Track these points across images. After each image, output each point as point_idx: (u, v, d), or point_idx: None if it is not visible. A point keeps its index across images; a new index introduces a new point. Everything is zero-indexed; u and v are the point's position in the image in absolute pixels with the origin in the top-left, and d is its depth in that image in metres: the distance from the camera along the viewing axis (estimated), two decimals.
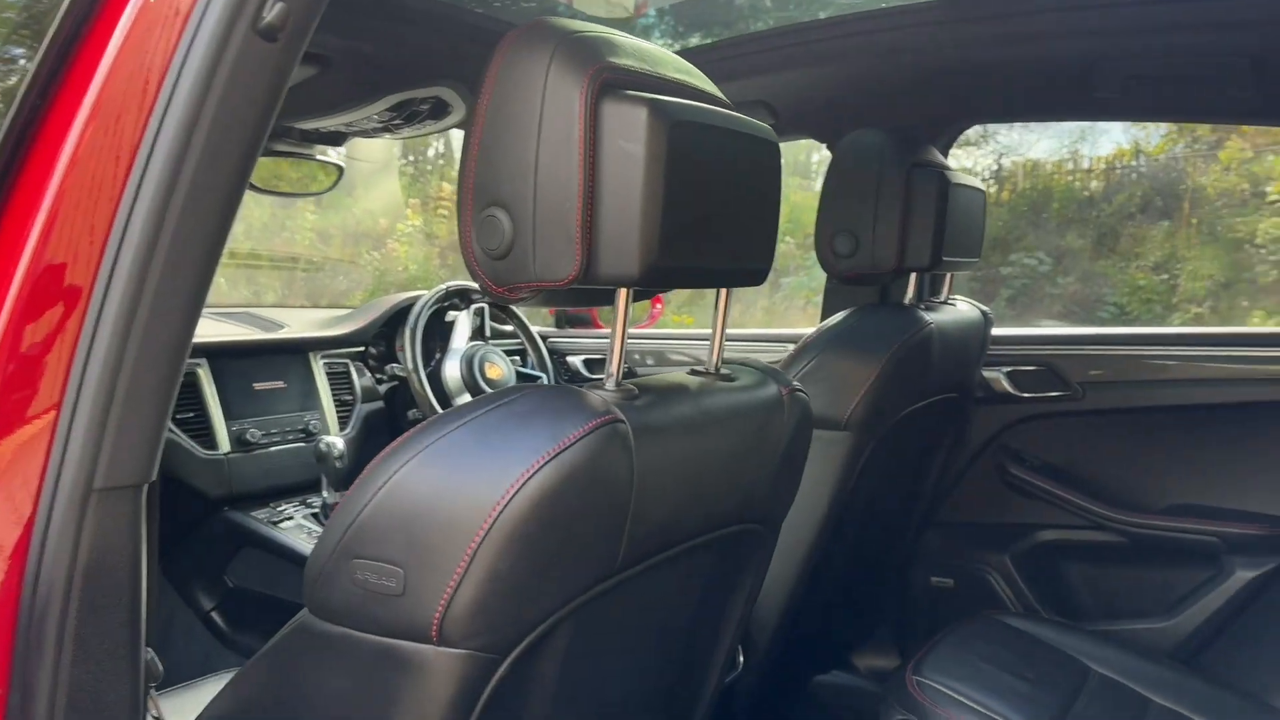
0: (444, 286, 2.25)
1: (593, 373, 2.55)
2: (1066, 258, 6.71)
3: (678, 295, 3.75)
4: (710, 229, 0.92)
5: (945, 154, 1.95)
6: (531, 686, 0.91)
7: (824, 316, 2.10)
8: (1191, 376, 1.83)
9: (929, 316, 1.60)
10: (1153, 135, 7.44)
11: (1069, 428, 1.97)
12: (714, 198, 0.92)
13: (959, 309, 1.76)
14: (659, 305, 2.85)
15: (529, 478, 0.78)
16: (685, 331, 2.87)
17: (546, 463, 0.79)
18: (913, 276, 1.69)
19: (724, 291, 1.05)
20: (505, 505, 0.78)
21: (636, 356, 2.54)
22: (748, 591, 1.22)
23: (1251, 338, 1.83)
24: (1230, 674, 1.77)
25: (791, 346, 2.22)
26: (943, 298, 1.80)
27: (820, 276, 2.08)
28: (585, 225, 0.83)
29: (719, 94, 0.98)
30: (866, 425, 1.51)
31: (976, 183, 1.72)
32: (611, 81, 0.83)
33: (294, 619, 0.90)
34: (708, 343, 1.08)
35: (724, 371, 1.07)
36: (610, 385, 0.90)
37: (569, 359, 2.56)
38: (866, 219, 1.58)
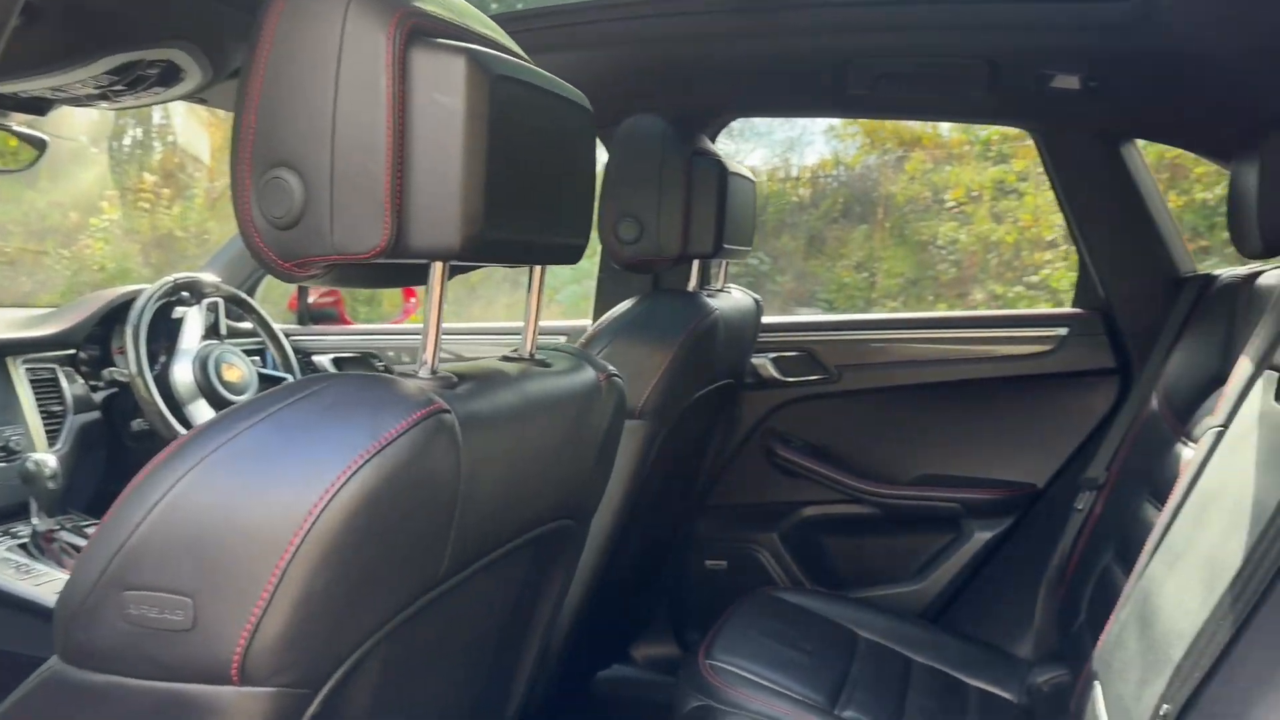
0: (170, 279, 1.98)
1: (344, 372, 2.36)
2: (782, 258, 7.16)
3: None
4: (531, 199, 0.85)
5: (713, 143, 1.98)
6: None
7: (598, 307, 2.07)
8: (933, 357, 1.99)
9: (713, 303, 1.61)
10: (850, 147, 8.14)
11: (828, 409, 2.08)
12: (534, 164, 0.84)
13: (735, 297, 1.80)
14: (413, 299, 2.69)
15: (346, 480, 0.67)
16: (451, 326, 2.73)
17: (366, 462, 0.68)
18: (695, 264, 1.69)
19: (538, 270, 0.98)
20: (319, 514, 0.66)
21: (391, 354, 2.37)
22: (557, 591, 1.16)
23: (985, 320, 2.03)
24: (974, 628, 1.94)
25: (561, 340, 2.19)
26: (719, 285, 1.83)
27: (561, 274, 2.05)
28: (395, 189, 0.73)
29: (521, 52, 0.91)
30: (659, 413, 1.50)
31: (747, 172, 1.76)
32: (420, 28, 0.74)
33: (37, 673, 0.72)
34: (472, 338, 1.00)
35: (539, 357, 1.00)
36: (425, 373, 0.80)
37: (315, 359, 2.35)
38: (650, 205, 1.56)
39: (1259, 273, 1.52)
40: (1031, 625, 1.84)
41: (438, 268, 0.79)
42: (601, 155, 1.73)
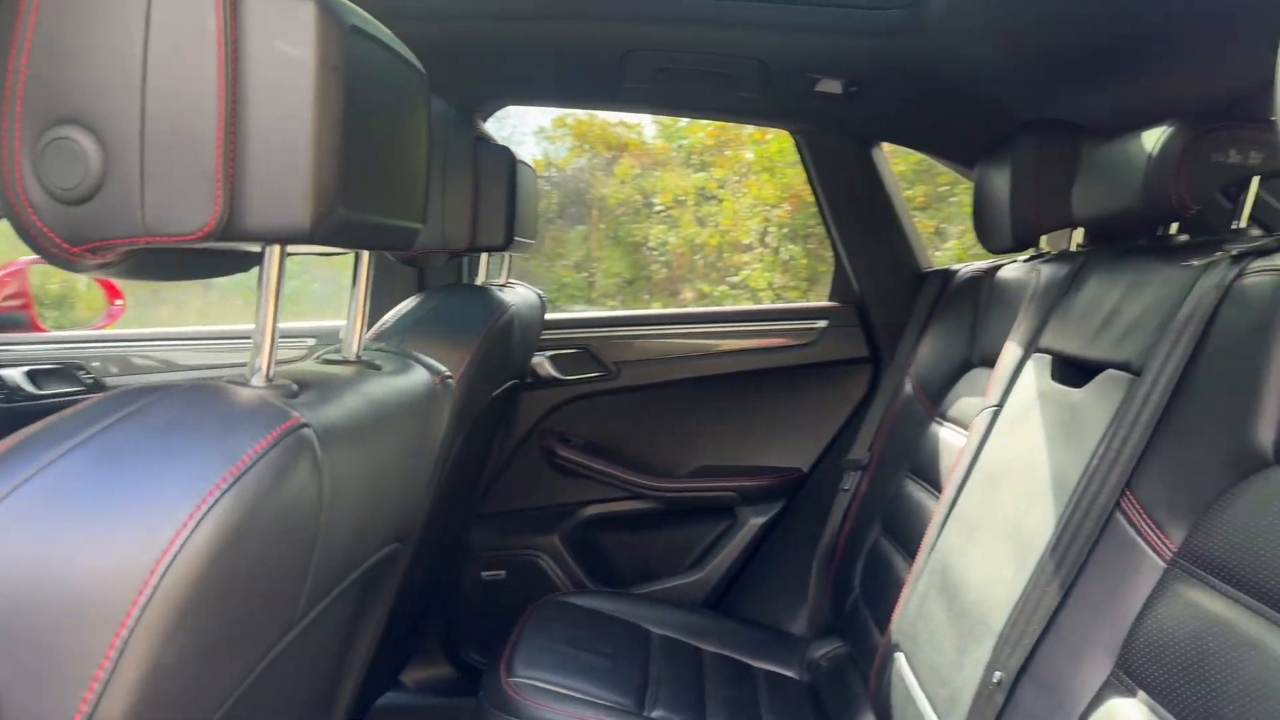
0: None
1: (42, 388, 1.98)
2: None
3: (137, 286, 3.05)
4: (378, 174, 0.73)
5: None
6: None
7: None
8: (706, 351, 2.03)
9: (507, 299, 1.52)
10: (560, 149, 8.25)
11: (606, 406, 2.05)
12: (382, 135, 0.73)
13: (520, 292, 1.71)
14: (119, 300, 2.32)
15: (200, 519, 0.53)
16: (154, 332, 2.38)
17: (223, 493, 0.54)
18: (484, 257, 1.59)
19: (365, 257, 0.85)
20: (167, 567, 0.52)
21: (97, 365, 2.03)
22: (374, 627, 1.02)
23: (753, 314, 2.10)
24: (754, 611, 2.00)
25: (309, 343, 1.98)
26: (503, 279, 1.74)
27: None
28: (228, 156, 0.59)
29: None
30: (458, 418, 1.38)
31: (529, 161, 1.69)
32: None
33: None
34: (179, 344, 0.86)
35: (365, 358, 0.87)
36: (260, 380, 0.67)
37: (3, 373, 1.95)
38: (434, 193, 1.44)
39: (997, 266, 1.69)
40: (805, 604, 1.92)
41: (275, 253, 0.66)
42: None
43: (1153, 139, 1.11)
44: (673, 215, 8.28)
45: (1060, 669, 0.96)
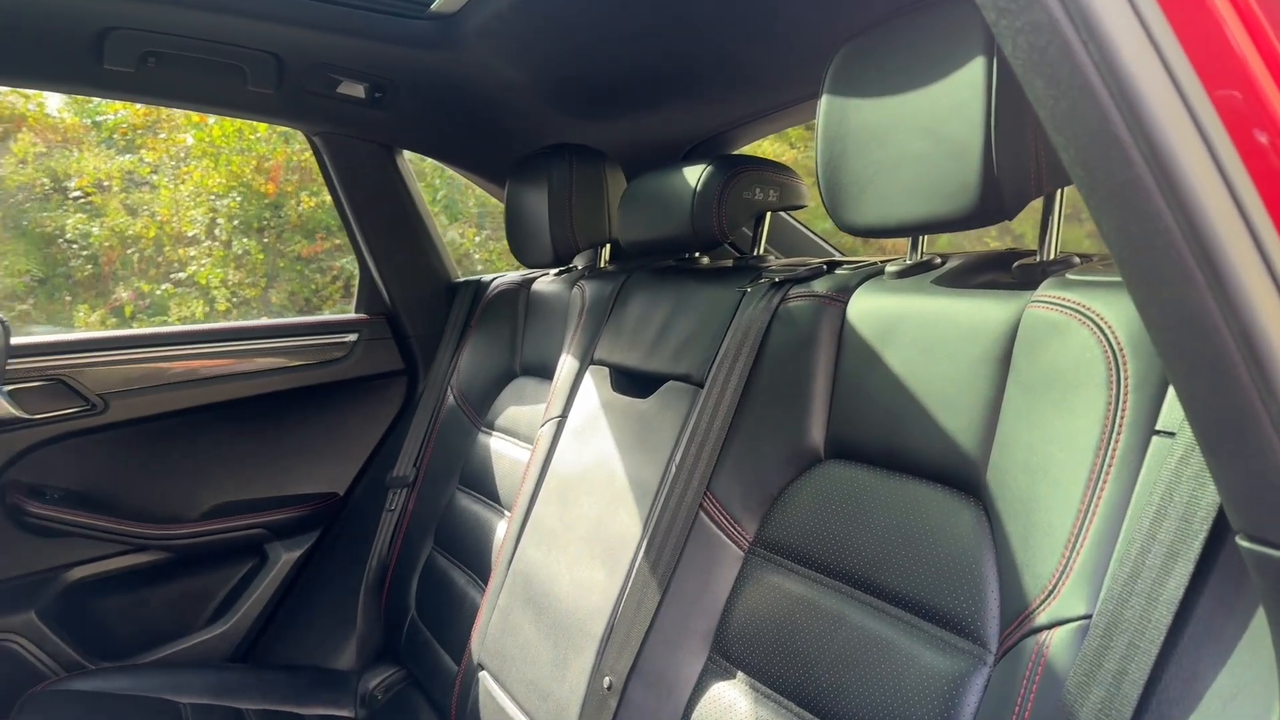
0: None
1: None
2: None
3: None
4: None
5: None
6: None
7: None
8: (218, 373, 1.79)
9: None
10: None
11: (93, 446, 1.70)
12: None
13: None
14: None
15: None
16: None
17: None
18: None
19: None
20: None
21: None
22: None
23: (273, 329, 1.89)
24: (294, 654, 1.83)
25: None
26: None
27: None
28: None
29: None
30: None
31: None
32: None
33: None
34: None
35: None
36: None
37: None
38: None
39: (532, 279, 1.76)
40: (353, 634, 1.82)
41: None
42: None
43: (694, 175, 1.25)
44: (95, 202, 7.20)
45: (664, 663, 1.05)
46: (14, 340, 1.59)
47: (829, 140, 0.97)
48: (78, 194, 7.09)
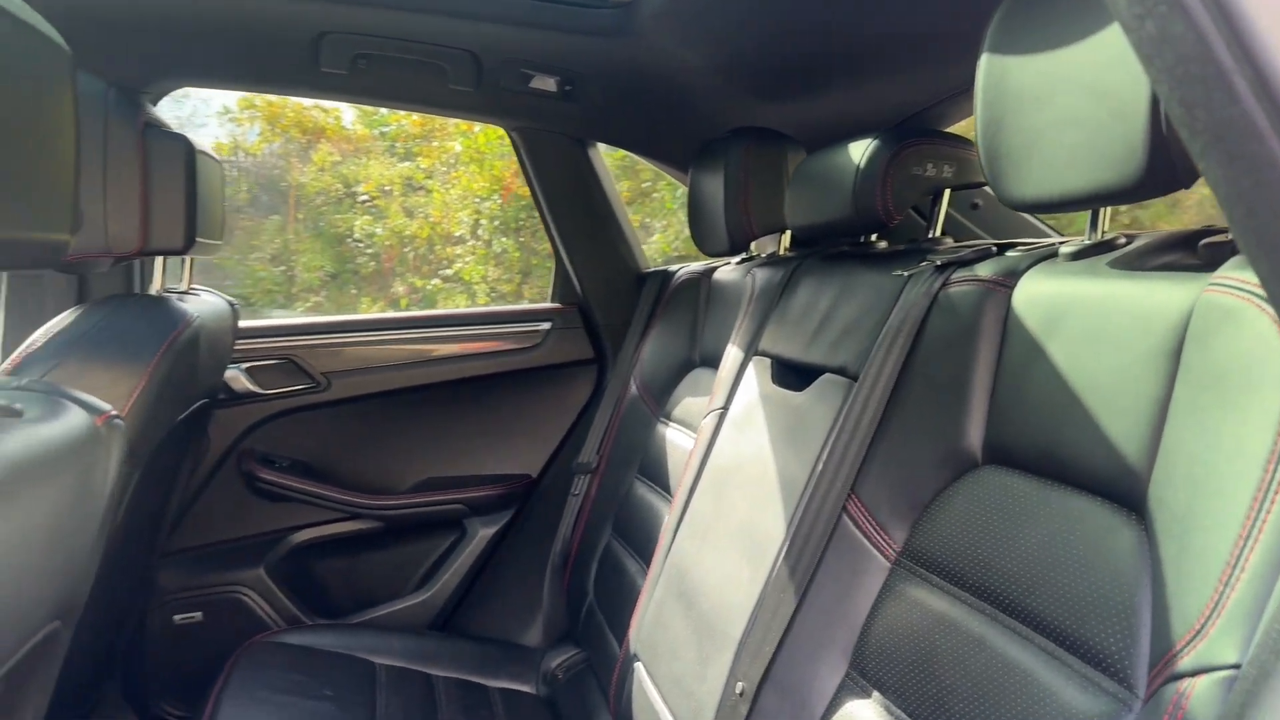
0: None
1: None
2: None
3: None
4: None
5: None
6: None
7: (9, 323, 1.58)
8: (425, 358, 1.91)
9: (190, 310, 1.32)
10: (250, 133, 7.67)
11: (316, 421, 1.87)
12: None
13: (207, 300, 1.50)
14: None
15: None
16: None
17: None
18: (159, 261, 1.38)
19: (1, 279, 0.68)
20: None
21: None
22: (39, 713, 0.84)
23: (473, 317, 1.99)
24: (485, 627, 1.92)
25: None
26: (185, 286, 1.52)
27: None
28: None
29: None
30: (132, 452, 1.18)
31: (213, 152, 1.48)
32: None
33: None
34: None
35: (1, 402, 0.70)
36: None
37: None
38: (93, 187, 1.22)
39: (714, 268, 1.72)
40: (540, 613, 1.88)
41: None
42: None
43: (859, 151, 1.16)
44: (379, 205, 7.93)
45: (800, 674, 0.98)
46: (252, 323, 1.78)
47: (988, 104, 0.86)
48: (364, 198, 7.87)
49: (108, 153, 1.23)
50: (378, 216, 7.88)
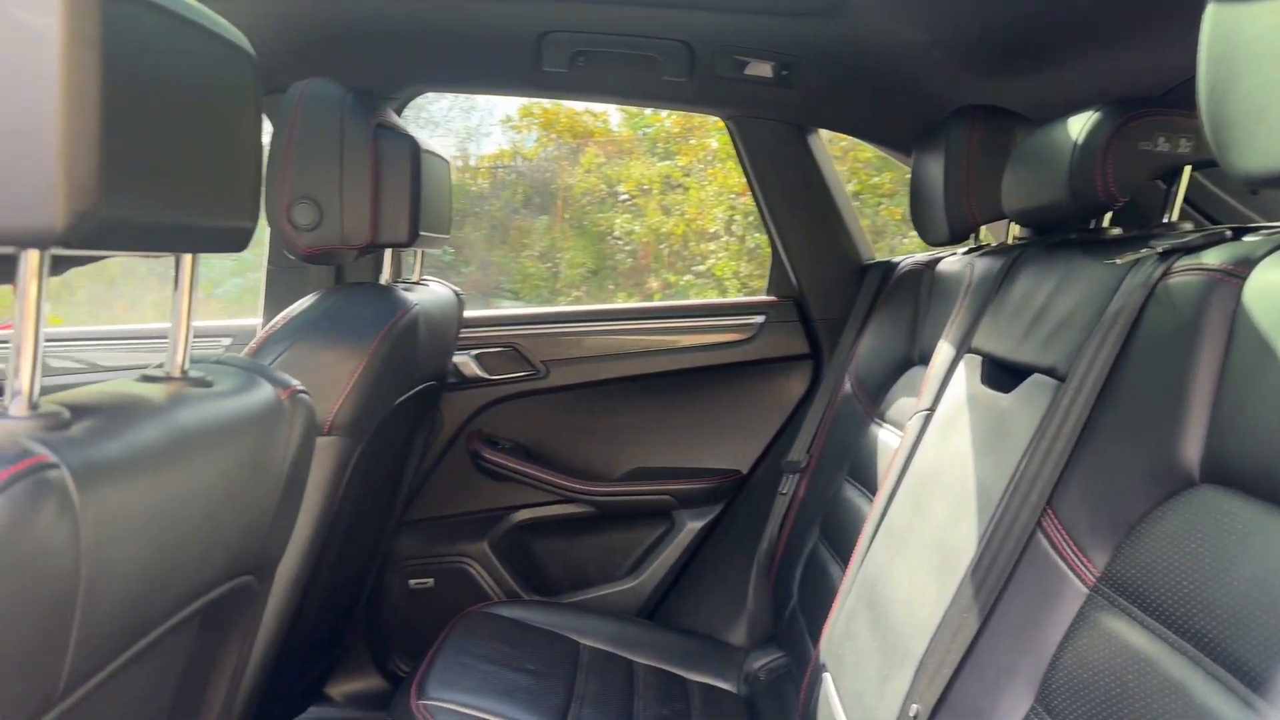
0: None
1: None
2: (466, 248, 7.02)
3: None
4: (174, 166, 0.64)
5: None
6: None
7: (270, 305, 1.79)
8: (639, 349, 1.94)
9: (412, 298, 1.42)
10: (528, 139, 8.14)
11: (536, 406, 1.96)
12: (176, 119, 0.63)
13: (434, 290, 1.61)
14: None
15: None
16: (67, 331, 2.27)
17: None
18: (388, 253, 1.49)
19: (188, 260, 0.76)
20: None
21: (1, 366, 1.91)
22: (234, 662, 0.93)
23: (687, 310, 2.01)
24: (691, 620, 1.92)
25: (224, 343, 1.88)
26: (416, 277, 1.63)
27: (220, 266, 1.77)
28: None
29: None
30: (354, 427, 1.29)
31: (441, 151, 1.59)
32: None
33: None
34: (99, 344, 0.77)
35: (194, 374, 0.77)
36: (18, 408, 0.57)
37: None
38: (331, 186, 1.34)
39: (938, 259, 1.61)
40: (744, 612, 1.85)
41: (31, 259, 0.56)
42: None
43: (1078, 126, 1.03)
44: (638, 204, 8.19)
45: (979, 702, 0.89)
46: (478, 312, 1.89)
47: (1214, 61, 0.72)
48: (625, 196, 8.17)
49: (344, 153, 1.35)
50: (636, 214, 8.14)
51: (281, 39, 1.58)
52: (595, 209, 8.46)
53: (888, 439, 1.51)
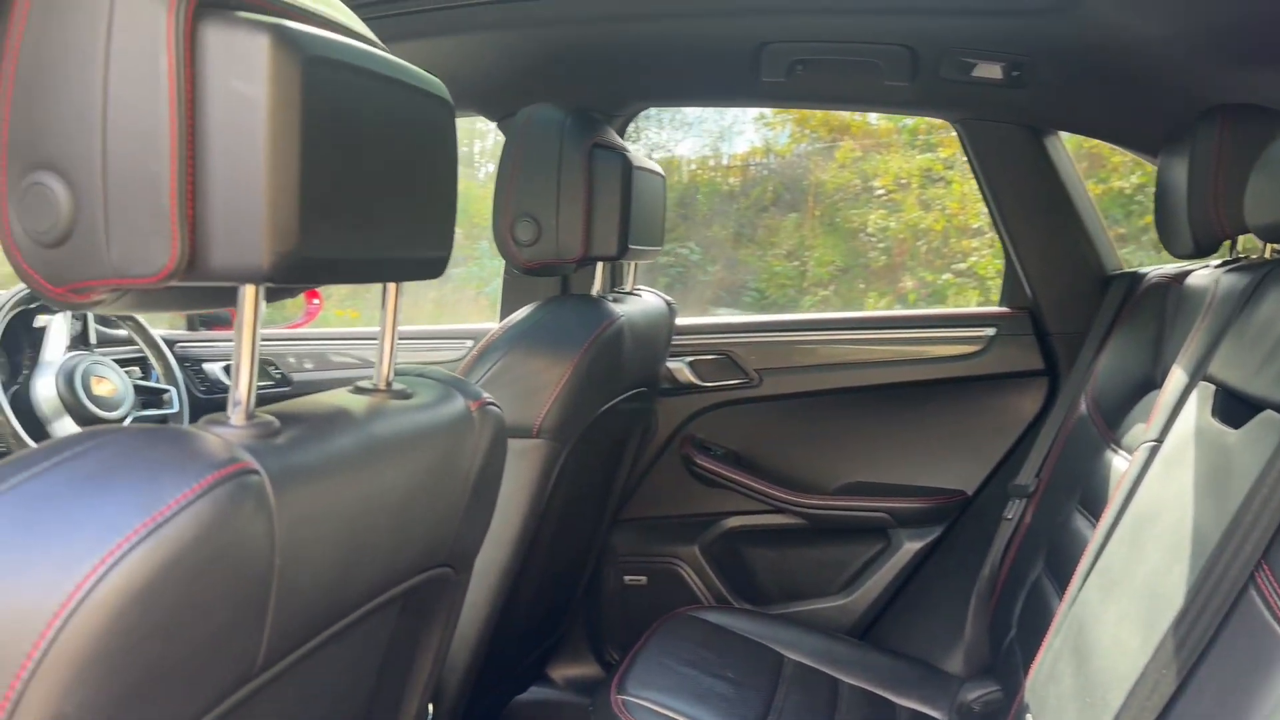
0: None
1: None
2: (713, 247, 7.11)
3: (339, 287, 3.40)
4: (371, 207, 0.72)
5: (621, 137, 1.86)
6: None
7: (504, 311, 1.94)
8: (858, 359, 1.90)
9: (618, 309, 1.49)
10: (780, 135, 8.11)
11: (749, 415, 1.97)
12: (373, 166, 0.71)
13: (645, 300, 1.68)
14: (316, 299, 2.51)
15: (106, 570, 0.53)
16: (352, 330, 2.56)
17: (137, 543, 0.54)
18: (599, 266, 1.57)
19: (392, 288, 0.85)
20: (67, 617, 0.52)
21: (292, 360, 2.21)
22: (437, 644, 1.03)
23: (911, 320, 1.94)
24: (904, 643, 1.86)
25: (471, 343, 2.05)
26: (628, 288, 1.71)
27: (491, 266, 1.92)
28: (184, 196, 0.59)
29: (370, 34, 0.77)
30: (560, 430, 1.37)
31: (655, 167, 1.64)
32: None
33: None
34: (378, 344, 0.86)
35: (397, 387, 0.86)
36: (237, 418, 0.67)
37: (205, 366, 2.17)
38: (549, 204, 1.43)
39: (1188, 272, 1.45)
40: (962, 639, 1.76)
41: (250, 292, 0.66)
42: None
43: None
44: (894, 199, 7.92)
45: None
46: (691, 320, 1.93)
47: None
48: (880, 192, 7.93)
49: (561, 172, 1.44)
50: (892, 210, 7.88)
51: (512, 68, 1.70)
52: (848, 205, 8.27)
53: (1123, 467, 1.39)
